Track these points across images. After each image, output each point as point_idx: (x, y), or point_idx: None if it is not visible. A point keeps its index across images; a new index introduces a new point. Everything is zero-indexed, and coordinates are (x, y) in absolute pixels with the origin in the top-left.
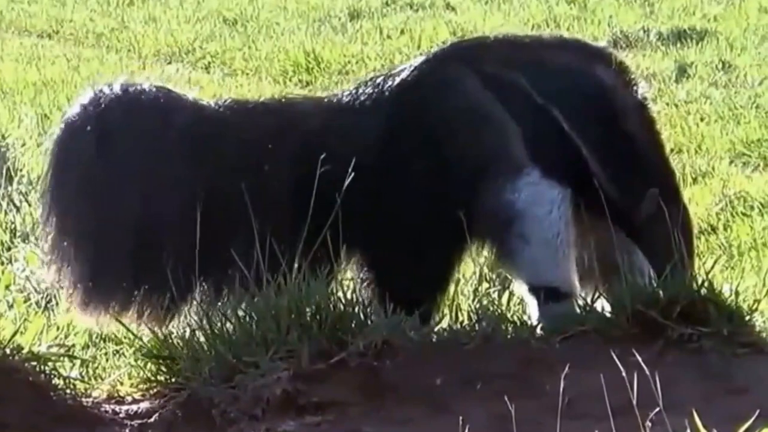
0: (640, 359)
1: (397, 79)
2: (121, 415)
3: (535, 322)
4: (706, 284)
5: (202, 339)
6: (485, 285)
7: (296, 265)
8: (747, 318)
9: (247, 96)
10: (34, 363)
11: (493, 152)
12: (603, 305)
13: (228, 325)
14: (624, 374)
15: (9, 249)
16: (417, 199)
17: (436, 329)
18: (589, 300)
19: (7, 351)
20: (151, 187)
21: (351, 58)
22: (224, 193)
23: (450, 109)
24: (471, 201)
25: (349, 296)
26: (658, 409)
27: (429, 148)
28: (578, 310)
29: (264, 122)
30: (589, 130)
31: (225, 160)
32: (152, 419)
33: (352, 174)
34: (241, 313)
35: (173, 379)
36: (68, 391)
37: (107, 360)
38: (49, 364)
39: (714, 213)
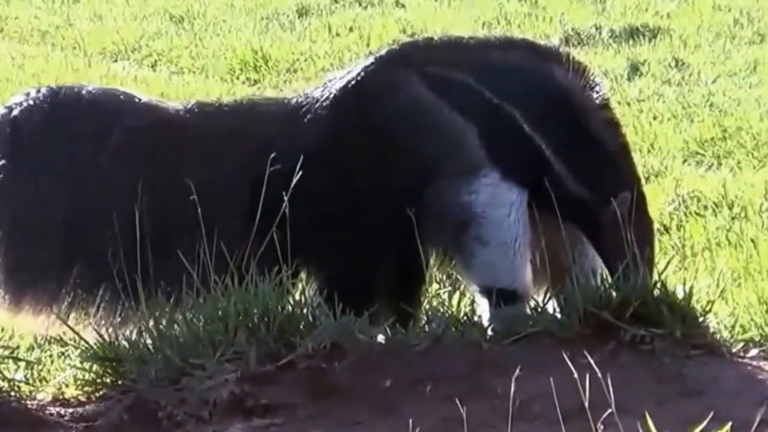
0: (591, 361)
1: (343, 82)
2: (66, 418)
3: (487, 324)
4: (659, 285)
5: (148, 341)
6: (435, 286)
7: (235, 267)
8: (700, 319)
9: (195, 94)
10: None
11: (441, 153)
12: (555, 307)
13: (175, 326)
14: (576, 376)
15: None
16: (363, 201)
17: (385, 330)
18: (540, 301)
19: None
20: (80, 189)
21: (299, 56)
22: (171, 197)
23: (393, 111)
24: (418, 203)
25: (297, 297)
26: (610, 412)
27: (374, 151)
28: (530, 312)
29: (220, 126)
30: (552, 130)
31: (175, 164)
32: (98, 422)
33: (301, 176)
34: (188, 314)
35: (119, 382)
36: (13, 393)
37: (52, 362)
38: None
39: (667, 213)
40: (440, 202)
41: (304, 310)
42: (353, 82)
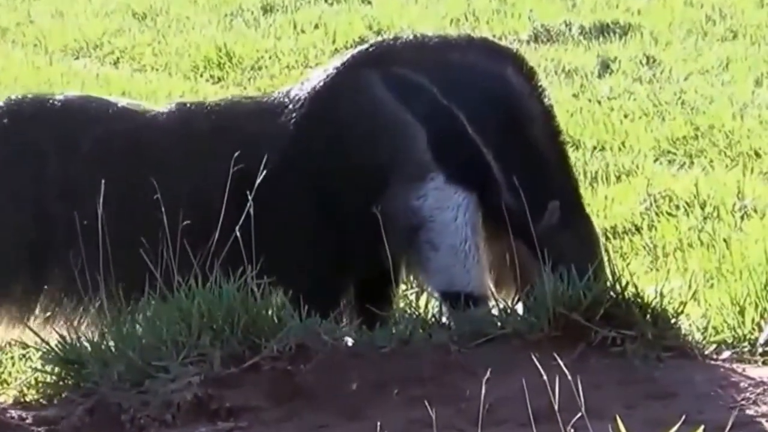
0: (561, 363)
1: (313, 83)
2: (28, 421)
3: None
4: (630, 286)
5: (110, 343)
6: (402, 286)
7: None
8: (672, 321)
9: (157, 92)
10: None
11: (396, 156)
12: (524, 308)
13: (137, 328)
14: (545, 379)
15: None
16: (329, 204)
17: (351, 332)
18: (509, 303)
19: None
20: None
21: (264, 53)
22: (144, 201)
23: (354, 113)
24: (379, 206)
25: (262, 298)
26: (580, 415)
27: (338, 152)
28: (497, 313)
29: (199, 127)
30: (493, 136)
31: (150, 168)
32: (60, 425)
33: (272, 177)
34: (151, 315)
35: (81, 384)
36: None
37: (13, 365)
38: None
39: (638, 212)
40: (394, 206)
41: (269, 311)
42: (322, 84)
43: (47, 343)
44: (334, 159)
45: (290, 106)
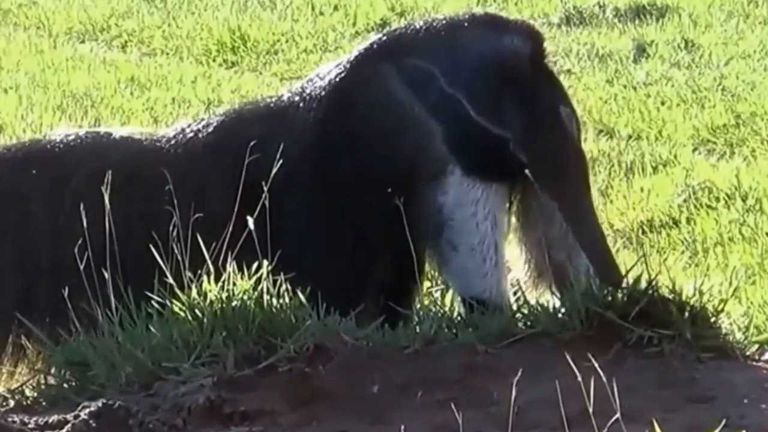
0: (596, 364)
1: (328, 78)
2: (30, 426)
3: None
4: (667, 283)
5: (118, 343)
6: (427, 284)
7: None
8: (712, 320)
9: (168, 77)
10: None
11: (418, 152)
12: (555, 306)
13: (147, 327)
14: (580, 380)
15: None
16: (349, 200)
17: (373, 332)
18: (542, 300)
19: None
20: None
21: (280, 36)
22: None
23: (374, 110)
24: (404, 203)
25: (278, 296)
26: (615, 419)
27: (357, 148)
28: (527, 311)
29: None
30: (502, 114)
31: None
32: (64, 429)
33: (290, 175)
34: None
35: (87, 387)
36: None
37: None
38: None
39: (676, 205)
40: (418, 203)
41: (286, 310)
42: (337, 77)
43: (51, 345)
44: (356, 156)
45: (305, 104)
